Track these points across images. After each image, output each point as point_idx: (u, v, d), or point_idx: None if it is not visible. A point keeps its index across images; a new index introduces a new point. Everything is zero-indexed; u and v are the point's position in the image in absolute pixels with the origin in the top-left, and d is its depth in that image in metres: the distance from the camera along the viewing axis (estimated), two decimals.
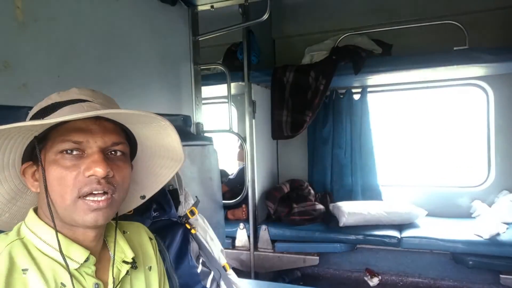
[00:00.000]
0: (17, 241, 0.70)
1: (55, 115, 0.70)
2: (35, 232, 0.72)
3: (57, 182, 0.69)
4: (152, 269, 0.90)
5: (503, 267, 2.56)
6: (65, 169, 0.69)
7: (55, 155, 0.70)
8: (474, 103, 3.34)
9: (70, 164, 0.69)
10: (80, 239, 0.74)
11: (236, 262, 3.11)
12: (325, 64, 2.94)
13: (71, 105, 0.72)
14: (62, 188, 0.69)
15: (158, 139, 0.83)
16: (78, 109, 0.71)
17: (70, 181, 0.69)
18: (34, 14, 1.21)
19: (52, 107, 0.72)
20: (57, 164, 0.69)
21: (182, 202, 1.45)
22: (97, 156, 0.70)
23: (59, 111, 0.71)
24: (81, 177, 0.69)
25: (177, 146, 0.84)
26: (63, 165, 0.69)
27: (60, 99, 0.73)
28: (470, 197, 3.24)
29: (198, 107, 2.29)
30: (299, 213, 3.09)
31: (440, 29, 2.90)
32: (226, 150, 3.75)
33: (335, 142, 3.56)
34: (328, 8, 3.53)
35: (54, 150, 0.70)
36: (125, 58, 1.69)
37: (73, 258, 0.72)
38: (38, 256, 0.70)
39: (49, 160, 0.70)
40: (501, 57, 2.59)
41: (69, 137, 0.69)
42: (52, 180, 0.69)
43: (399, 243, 2.80)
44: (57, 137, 0.70)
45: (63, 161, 0.69)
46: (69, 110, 0.71)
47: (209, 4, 2.25)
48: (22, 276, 0.66)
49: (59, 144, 0.69)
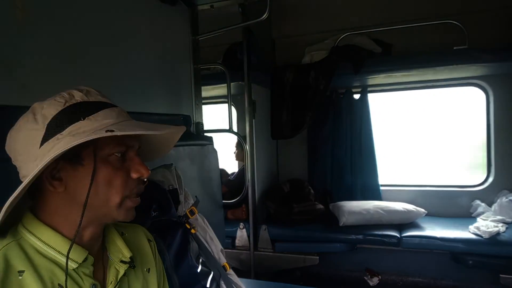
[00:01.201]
0: (13, 243, 0.70)
1: (99, 115, 0.71)
2: (34, 232, 0.72)
3: (106, 183, 0.71)
4: (151, 271, 0.90)
5: (503, 266, 2.56)
6: (116, 170, 0.72)
7: (106, 156, 0.71)
8: (474, 103, 3.33)
9: (119, 166, 0.73)
10: (81, 240, 0.74)
11: (236, 262, 3.11)
12: (325, 64, 2.94)
13: (109, 109, 0.73)
14: (112, 188, 0.72)
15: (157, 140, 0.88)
16: (115, 114, 0.73)
17: (121, 182, 0.72)
18: (34, 14, 1.21)
19: (90, 106, 0.72)
20: (109, 165, 0.71)
21: (182, 202, 1.45)
22: (139, 160, 0.76)
23: (102, 113, 0.71)
24: (130, 179, 0.74)
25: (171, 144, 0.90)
26: (114, 166, 0.72)
27: (88, 99, 0.73)
28: (470, 197, 3.24)
29: (198, 106, 2.29)
30: (299, 213, 3.09)
31: (440, 28, 2.90)
32: (226, 150, 3.74)
33: (335, 142, 3.56)
34: (328, 8, 3.52)
35: (106, 151, 0.71)
36: (125, 57, 1.69)
37: (72, 258, 0.71)
38: (35, 257, 0.70)
39: (100, 161, 0.71)
40: (501, 56, 2.60)
41: (124, 141, 0.73)
42: (102, 181, 0.71)
43: (399, 242, 2.80)
44: (109, 139, 0.71)
45: (114, 163, 0.72)
46: (110, 114, 0.72)
47: (209, 3, 2.25)
48: (18, 278, 0.66)
49: (113, 146, 0.72)
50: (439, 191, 3.40)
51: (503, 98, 3.15)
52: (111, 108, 0.74)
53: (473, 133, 3.46)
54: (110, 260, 0.81)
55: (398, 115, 3.84)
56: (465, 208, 3.22)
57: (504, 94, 3.14)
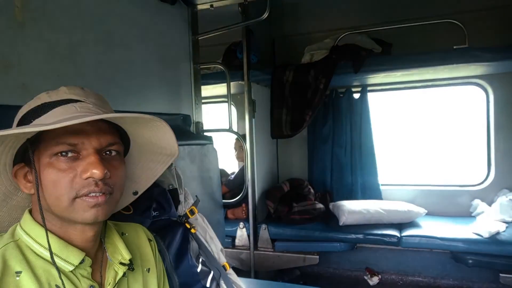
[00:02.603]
0: (11, 243, 0.70)
1: (47, 116, 0.69)
2: (30, 234, 0.71)
3: (52, 185, 0.68)
4: (151, 271, 0.90)
5: (503, 266, 2.56)
6: (61, 172, 0.68)
7: (49, 158, 0.68)
8: (474, 102, 3.33)
9: (66, 167, 0.68)
10: (77, 240, 0.74)
11: (236, 261, 3.11)
12: (325, 63, 2.94)
13: (63, 106, 0.70)
14: (58, 190, 0.68)
15: (153, 137, 0.83)
16: (70, 110, 0.69)
17: (66, 183, 0.68)
18: (33, 13, 1.21)
19: (43, 107, 0.70)
20: (52, 167, 0.68)
21: (182, 202, 1.45)
22: (94, 158, 0.68)
23: (50, 113, 0.69)
24: (78, 179, 0.68)
25: (172, 142, 0.84)
26: (59, 167, 0.68)
27: (50, 99, 0.71)
28: (470, 196, 3.24)
29: (197, 106, 2.29)
30: (299, 212, 3.09)
31: (440, 28, 2.90)
32: (226, 150, 3.74)
33: (335, 141, 3.56)
34: (327, 7, 3.52)
35: (48, 152, 0.68)
36: (125, 57, 1.69)
37: (68, 260, 0.71)
38: (33, 258, 0.69)
39: (44, 163, 0.69)
40: (501, 56, 2.59)
41: (64, 140, 0.68)
42: (47, 182, 0.68)
43: (399, 242, 2.80)
44: (51, 139, 0.68)
45: (58, 164, 0.68)
46: (61, 111, 0.69)
47: (209, 3, 2.24)
48: (16, 279, 0.65)
49: (53, 146, 0.68)
50: (439, 190, 3.40)
51: (503, 97, 3.15)
52: (68, 105, 0.70)
53: (472, 132, 3.46)
54: (110, 261, 0.80)
55: (398, 115, 3.84)
56: (465, 207, 3.22)
57: (504, 94, 3.14)
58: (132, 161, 0.89)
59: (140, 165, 0.90)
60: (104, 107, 0.76)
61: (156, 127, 0.79)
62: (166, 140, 0.83)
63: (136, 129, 0.81)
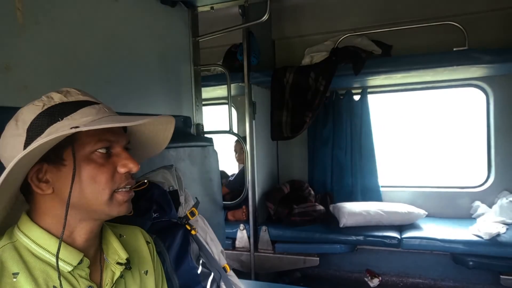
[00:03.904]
0: (8, 245, 0.70)
1: (77, 114, 0.70)
2: (29, 235, 0.72)
3: (91, 180, 0.71)
4: (149, 273, 0.90)
5: (503, 267, 2.55)
6: (100, 167, 0.72)
7: (89, 154, 0.72)
8: (474, 104, 3.34)
9: (104, 162, 0.73)
10: (78, 241, 0.74)
11: (236, 263, 3.11)
12: (325, 65, 2.94)
13: (89, 107, 0.72)
14: (98, 185, 0.71)
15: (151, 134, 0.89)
16: (100, 111, 0.73)
17: (108, 178, 0.73)
18: (34, 16, 1.22)
19: (70, 106, 0.71)
20: (92, 162, 0.71)
21: (182, 203, 1.45)
22: (126, 154, 0.76)
23: (80, 111, 0.71)
24: (117, 174, 0.74)
25: (165, 139, 0.92)
26: (98, 162, 0.72)
27: (67, 99, 0.72)
28: (470, 198, 3.24)
29: (198, 108, 2.30)
30: (299, 214, 3.09)
31: (440, 30, 2.90)
32: (227, 151, 3.75)
33: (335, 143, 3.56)
34: (327, 9, 3.53)
35: (87, 149, 0.71)
36: (126, 59, 1.69)
37: (66, 261, 0.71)
38: (31, 260, 0.70)
39: (81, 159, 0.71)
40: (501, 57, 2.59)
41: (105, 137, 0.73)
42: (85, 178, 0.71)
43: (400, 244, 2.80)
44: (90, 137, 0.71)
45: (97, 159, 0.72)
46: (92, 111, 0.72)
47: (209, 5, 2.25)
48: (13, 280, 0.66)
49: (94, 143, 0.72)
50: (439, 192, 3.40)
51: (503, 99, 3.15)
52: (91, 106, 0.73)
53: (473, 134, 3.46)
54: (107, 262, 0.80)
55: (398, 116, 3.84)
56: (466, 209, 3.22)
57: (504, 95, 3.14)
58: None
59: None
60: (111, 109, 0.80)
61: (161, 129, 0.87)
62: (161, 135, 0.90)
63: (140, 128, 0.86)
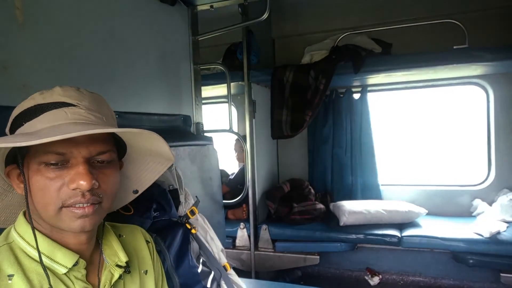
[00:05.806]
0: (4, 246, 0.70)
1: (38, 120, 0.68)
2: (24, 236, 0.71)
3: (40, 192, 0.67)
4: (148, 273, 0.89)
5: (504, 265, 2.56)
6: (48, 180, 0.66)
7: (38, 165, 0.67)
8: (474, 102, 3.33)
9: (54, 175, 0.67)
10: (70, 243, 0.73)
11: (236, 262, 3.11)
12: (324, 64, 2.94)
13: (53, 111, 0.68)
14: (45, 199, 0.67)
15: (148, 144, 0.82)
16: (60, 116, 0.68)
17: (53, 192, 0.66)
18: (34, 15, 1.22)
19: (35, 110, 0.69)
20: (41, 175, 0.67)
21: (182, 202, 1.45)
22: (82, 168, 0.66)
23: (41, 117, 0.68)
24: (65, 189, 0.67)
25: (167, 152, 0.83)
26: (46, 175, 0.67)
27: (43, 100, 0.69)
28: (471, 196, 3.24)
29: (198, 107, 2.29)
30: (299, 213, 3.09)
31: (440, 28, 2.90)
32: (226, 150, 3.75)
33: (335, 141, 3.56)
34: (327, 8, 3.52)
35: (37, 160, 0.67)
36: (125, 58, 1.69)
37: (61, 263, 0.71)
38: (26, 261, 0.69)
39: (32, 169, 0.68)
40: (501, 56, 2.59)
41: (52, 149, 0.66)
42: (35, 189, 0.68)
43: (400, 242, 2.80)
44: (40, 147, 0.66)
45: (46, 172, 0.67)
46: (51, 117, 0.68)
47: (209, 4, 2.25)
48: (8, 282, 0.65)
49: (42, 155, 0.66)
50: (439, 190, 3.40)
51: (503, 97, 3.15)
52: (61, 109, 0.68)
53: (473, 132, 3.46)
54: (106, 263, 0.79)
55: (398, 115, 3.84)
56: (466, 207, 3.22)
57: (504, 93, 3.14)
58: (132, 161, 0.88)
59: (139, 165, 0.90)
60: (99, 110, 0.73)
61: (150, 138, 0.78)
62: (160, 148, 0.82)
63: (131, 138, 0.80)
